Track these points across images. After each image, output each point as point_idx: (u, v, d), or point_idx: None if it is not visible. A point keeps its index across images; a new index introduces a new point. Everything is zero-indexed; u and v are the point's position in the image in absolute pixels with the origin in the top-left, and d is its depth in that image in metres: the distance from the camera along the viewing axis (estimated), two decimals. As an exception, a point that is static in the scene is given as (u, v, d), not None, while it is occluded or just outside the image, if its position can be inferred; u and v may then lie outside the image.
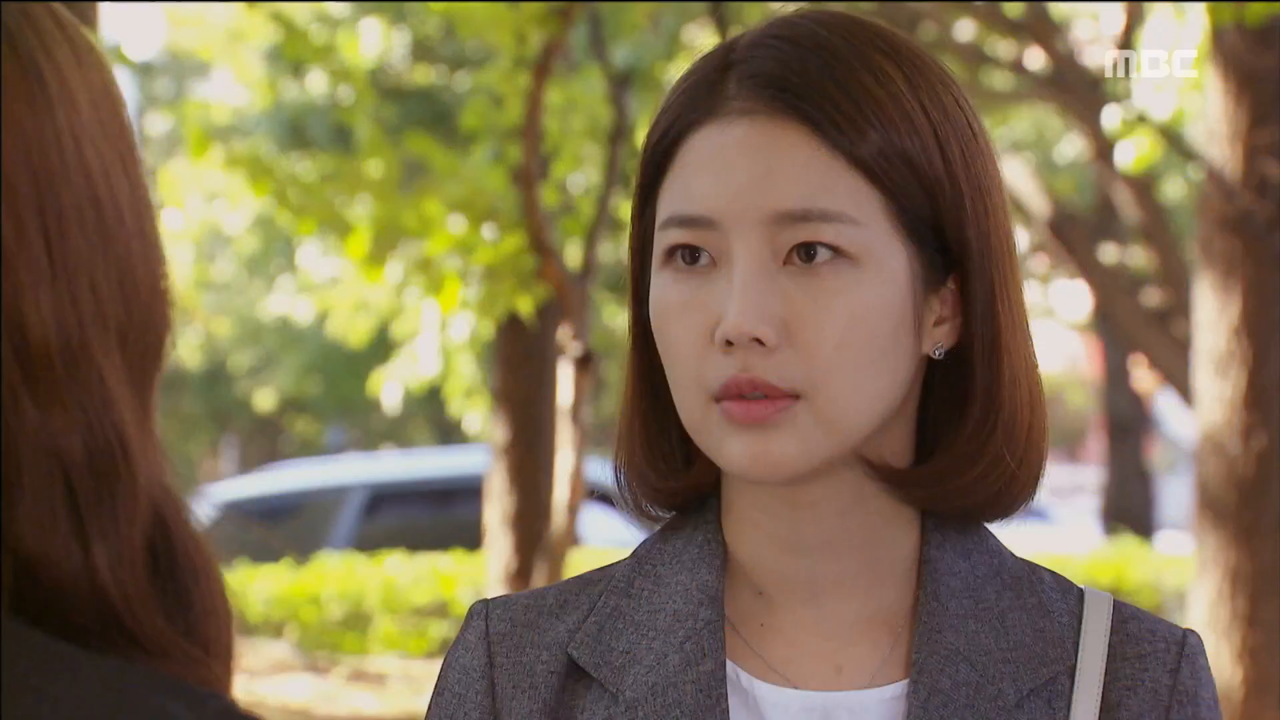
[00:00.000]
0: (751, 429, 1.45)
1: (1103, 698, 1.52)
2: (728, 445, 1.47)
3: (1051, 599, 1.56)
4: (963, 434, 1.51)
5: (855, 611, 1.53)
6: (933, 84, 1.51)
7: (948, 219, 1.49)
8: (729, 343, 1.45)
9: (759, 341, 1.44)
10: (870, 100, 1.47)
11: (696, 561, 1.55)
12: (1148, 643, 1.54)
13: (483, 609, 1.58)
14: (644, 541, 1.60)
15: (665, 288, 1.49)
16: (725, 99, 1.49)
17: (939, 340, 1.51)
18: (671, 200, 1.50)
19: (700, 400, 1.47)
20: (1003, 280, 1.51)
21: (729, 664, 1.53)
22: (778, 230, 1.46)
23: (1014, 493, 1.54)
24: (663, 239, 1.50)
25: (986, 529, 1.58)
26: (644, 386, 1.56)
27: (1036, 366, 1.56)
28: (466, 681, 1.56)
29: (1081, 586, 1.58)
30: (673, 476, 1.56)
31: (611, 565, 1.60)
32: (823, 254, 1.45)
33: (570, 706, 1.53)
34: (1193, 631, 1.57)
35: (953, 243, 1.50)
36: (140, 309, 1.08)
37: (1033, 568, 1.58)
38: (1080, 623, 1.55)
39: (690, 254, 1.48)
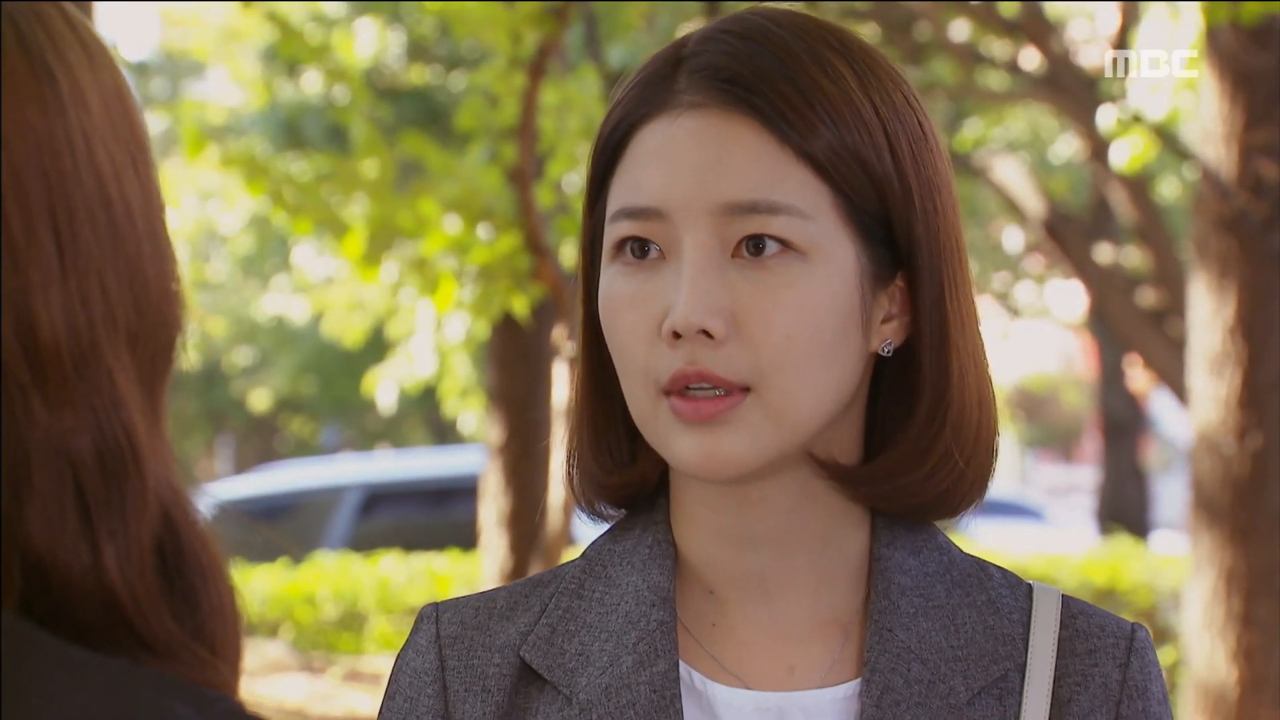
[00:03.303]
0: (700, 427, 1.45)
1: (1053, 694, 1.53)
2: (676, 442, 1.47)
3: (1001, 595, 1.56)
4: (911, 431, 1.52)
5: (807, 610, 1.54)
6: (883, 81, 1.51)
7: (896, 216, 1.49)
8: (677, 335, 1.45)
9: (707, 334, 1.44)
10: (820, 95, 1.47)
11: (647, 562, 1.55)
12: (1097, 638, 1.55)
13: (432, 612, 1.58)
14: (594, 542, 1.60)
15: (614, 281, 1.49)
16: (675, 93, 1.49)
17: (887, 337, 1.52)
18: (620, 193, 1.50)
19: (649, 394, 1.47)
20: (951, 278, 1.52)
21: (682, 665, 1.53)
22: (726, 222, 1.46)
23: (961, 491, 1.54)
24: (612, 232, 1.50)
25: (935, 526, 1.58)
26: (592, 383, 1.56)
27: (987, 365, 1.56)
28: (418, 685, 1.56)
29: (1030, 582, 1.58)
30: (618, 472, 1.56)
31: (561, 566, 1.60)
32: (771, 247, 1.46)
33: (523, 709, 1.53)
34: (1141, 625, 1.57)
35: (901, 240, 1.50)
36: (151, 310, 1.08)
37: (981, 564, 1.58)
38: (1030, 619, 1.55)
39: (639, 247, 1.48)
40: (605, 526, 1.61)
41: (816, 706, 1.51)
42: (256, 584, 11.67)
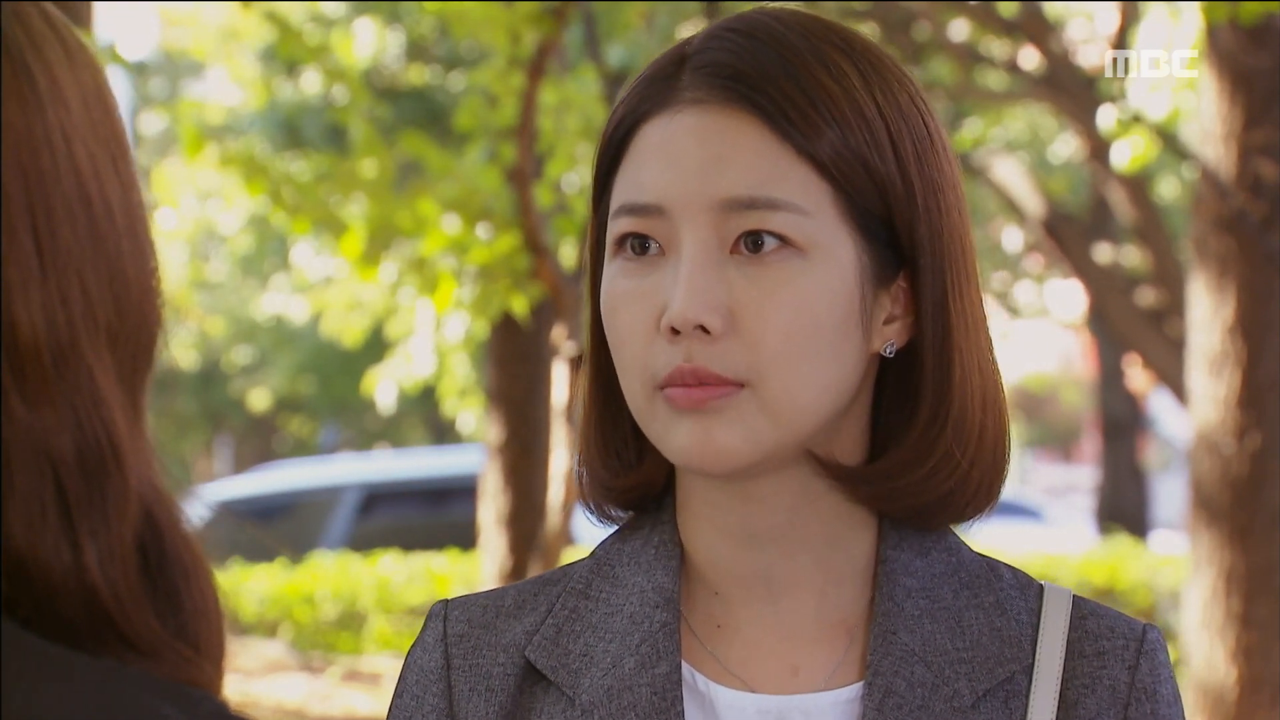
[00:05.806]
0: (694, 415, 1.45)
1: (1061, 696, 1.52)
2: (672, 433, 1.46)
3: (1010, 597, 1.55)
4: (912, 432, 1.51)
5: (813, 611, 1.53)
6: (888, 81, 1.51)
7: (899, 215, 1.49)
8: (675, 330, 1.44)
9: (704, 330, 1.44)
10: (823, 94, 1.47)
11: (653, 563, 1.55)
12: (1106, 640, 1.54)
13: (441, 609, 1.58)
14: (603, 542, 1.59)
15: (615, 277, 1.49)
16: (678, 90, 1.49)
17: (890, 338, 1.51)
18: (622, 189, 1.50)
19: (646, 388, 1.47)
20: (956, 280, 1.51)
21: (685, 666, 1.53)
22: (725, 218, 1.45)
23: (967, 494, 1.53)
24: (614, 228, 1.50)
25: (947, 528, 1.57)
26: (599, 384, 1.56)
27: (994, 369, 1.55)
28: (424, 683, 1.56)
29: (1042, 582, 1.57)
30: (624, 473, 1.56)
31: (571, 565, 1.60)
32: (770, 243, 1.45)
33: (527, 709, 1.53)
34: (1153, 627, 1.56)
35: (904, 239, 1.49)
36: (131, 308, 1.08)
37: (992, 565, 1.57)
38: (1039, 620, 1.54)
39: (639, 243, 1.48)
40: (611, 528, 1.61)
41: (818, 710, 1.51)
42: (255, 584, 11.68)
